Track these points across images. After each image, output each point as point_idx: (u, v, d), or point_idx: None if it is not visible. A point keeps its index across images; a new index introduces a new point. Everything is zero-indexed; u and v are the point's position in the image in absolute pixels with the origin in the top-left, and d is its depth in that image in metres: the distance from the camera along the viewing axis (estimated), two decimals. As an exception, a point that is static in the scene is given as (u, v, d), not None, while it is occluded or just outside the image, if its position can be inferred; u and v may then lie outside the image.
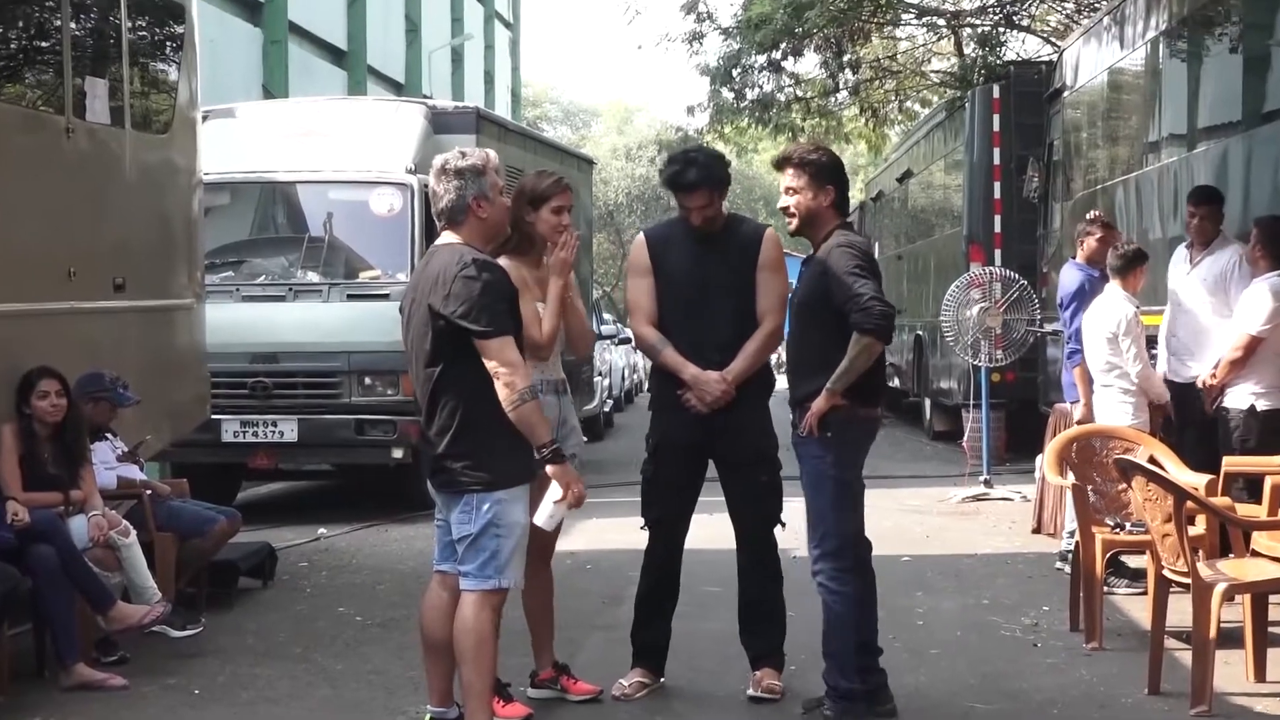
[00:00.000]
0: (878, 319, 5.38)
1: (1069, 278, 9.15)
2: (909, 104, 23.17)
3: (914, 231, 20.39)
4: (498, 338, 4.93)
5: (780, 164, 5.68)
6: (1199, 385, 7.97)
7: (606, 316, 22.55)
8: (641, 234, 6.28)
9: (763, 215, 52.43)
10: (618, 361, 23.37)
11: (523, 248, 5.86)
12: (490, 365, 4.92)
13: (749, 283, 5.92)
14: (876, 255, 24.36)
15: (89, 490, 6.95)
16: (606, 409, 20.42)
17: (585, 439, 6.26)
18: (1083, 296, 8.72)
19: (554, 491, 5.11)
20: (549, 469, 5.06)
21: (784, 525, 6.02)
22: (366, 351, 11.01)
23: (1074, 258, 9.35)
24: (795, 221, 5.65)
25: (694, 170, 5.92)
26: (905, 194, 21.15)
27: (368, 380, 11.19)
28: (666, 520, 6.07)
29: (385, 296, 10.83)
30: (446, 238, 5.15)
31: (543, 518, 5.15)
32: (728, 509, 6.11)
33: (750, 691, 5.98)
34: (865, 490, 5.74)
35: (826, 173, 5.61)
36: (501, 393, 4.92)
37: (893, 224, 22.56)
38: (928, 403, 18.38)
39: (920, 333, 18.52)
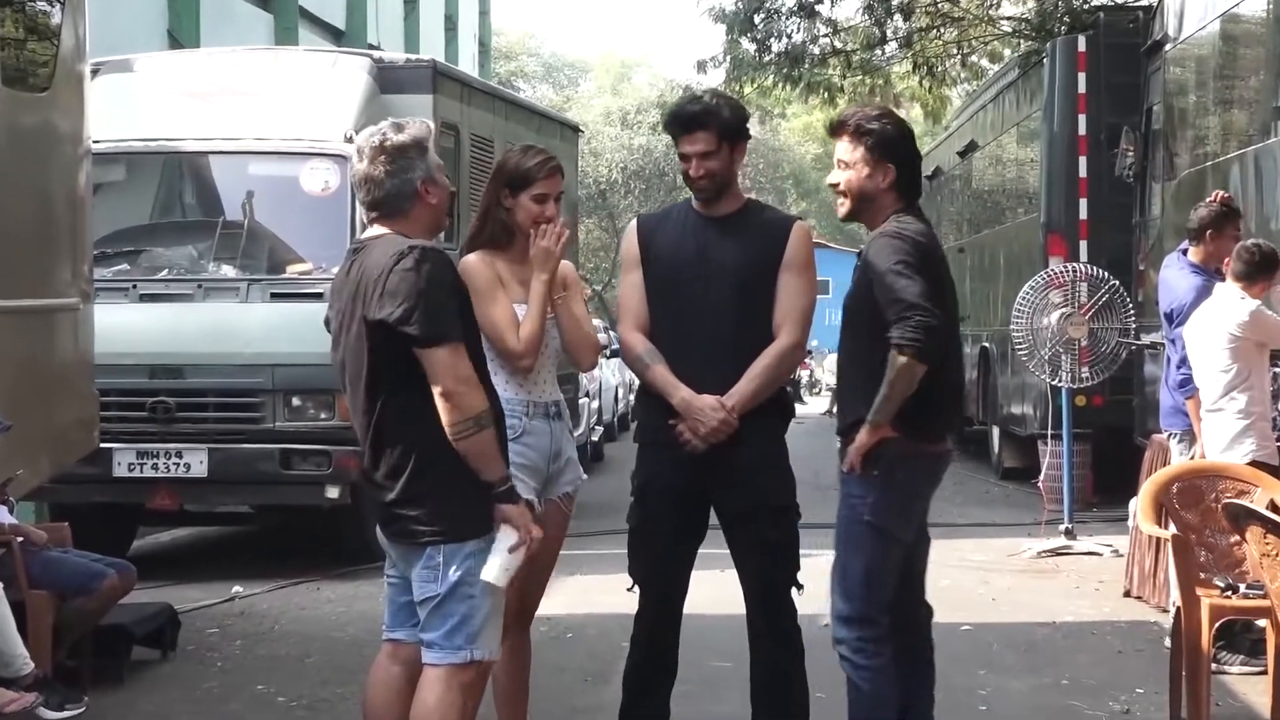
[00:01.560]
0: (913, 333, 5.29)
1: (1180, 282, 8.90)
2: (974, 59, 23.19)
3: (979, 218, 20.44)
4: (445, 345, 4.89)
5: (835, 130, 5.63)
6: None
7: (596, 323, 22.57)
8: (635, 219, 6.30)
9: (792, 197, 52.56)
10: (609, 380, 23.40)
11: (498, 239, 5.86)
12: (435, 381, 4.88)
13: (763, 281, 5.87)
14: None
15: None
16: (595, 438, 20.47)
17: (584, 476, 6.25)
18: None
19: (505, 538, 5.06)
20: (502, 510, 5.03)
21: (801, 588, 6.02)
22: (295, 365, 11.02)
23: (1184, 252, 9.13)
24: (846, 204, 5.61)
25: (697, 105, 5.97)
26: (969, 171, 21.21)
27: (296, 401, 11.21)
28: (657, 580, 6.07)
29: (319, 296, 10.82)
30: (378, 230, 5.11)
31: (493, 571, 5.05)
32: (735, 567, 6.11)
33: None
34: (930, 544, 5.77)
35: (889, 146, 5.53)
36: (446, 415, 4.88)
37: (954, 208, 22.62)
38: (995, 432, 18.42)
39: (986, 344, 18.56)
